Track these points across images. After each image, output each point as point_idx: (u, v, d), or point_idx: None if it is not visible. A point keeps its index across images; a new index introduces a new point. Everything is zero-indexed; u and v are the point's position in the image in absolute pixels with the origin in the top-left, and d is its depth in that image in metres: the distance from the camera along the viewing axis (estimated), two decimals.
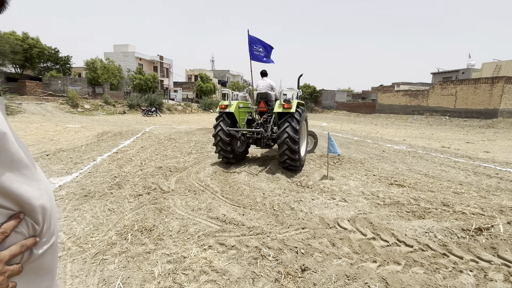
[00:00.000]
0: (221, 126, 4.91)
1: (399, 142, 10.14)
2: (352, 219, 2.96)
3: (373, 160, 6.34)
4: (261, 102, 5.34)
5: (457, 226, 2.72)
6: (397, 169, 5.46)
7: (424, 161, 6.51)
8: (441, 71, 38.84)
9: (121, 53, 35.46)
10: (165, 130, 11.91)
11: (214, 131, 5.00)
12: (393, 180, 4.57)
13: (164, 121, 17.65)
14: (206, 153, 6.64)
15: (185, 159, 5.87)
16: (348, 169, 5.31)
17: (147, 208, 3.14)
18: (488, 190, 4.25)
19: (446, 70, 38.32)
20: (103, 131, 10.26)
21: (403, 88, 32.78)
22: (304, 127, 5.52)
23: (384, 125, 21.92)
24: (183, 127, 13.95)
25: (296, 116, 4.60)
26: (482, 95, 23.60)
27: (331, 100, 44.92)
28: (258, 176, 4.66)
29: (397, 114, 30.62)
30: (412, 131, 16.65)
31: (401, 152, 7.66)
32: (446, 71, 38.11)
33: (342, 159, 6.15)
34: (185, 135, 10.11)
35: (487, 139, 12.44)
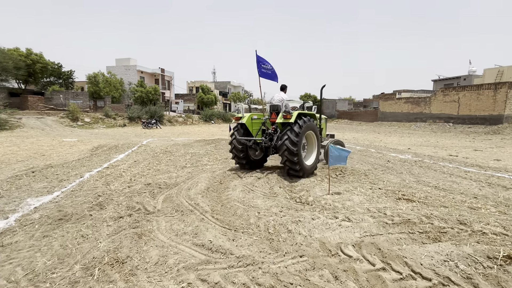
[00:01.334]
0: (236, 135, 5.50)
1: (404, 151, 9.75)
2: (357, 244, 2.57)
3: (377, 172, 5.96)
4: (272, 114, 5.69)
5: (481, 253, 2.33)
6: (404, 181, 5.07)
7: (432, 171, 6.11)
8: (442, 78, 38.67)
9: (123, 67, 35.89)
10: (163, 142, 11.65)
11: (230, 142, 5.63)
12: (401, 194, 4.18)
13: (164, 133, 17.45)
14: (201, 166, 6.32)
15: (178, 173, 5.54)
16: (351, 182, 4.93)
17: (125, 234, 2.78)
18: (508, 205, 3.84)
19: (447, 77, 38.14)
20: (98, 145, 10.02)
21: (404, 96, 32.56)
22: (313, 136, 5.60)
23: (387, 133, 21.53)
24: (181, 139, 13.70)
25: (295, 128, 4.78)
26: (485, 101, 23.23)
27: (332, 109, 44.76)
28: (254, 192, 4.30)
29: (400, 122, 30.25)
30: (416, 138, 16.23)
31: (407, 162, 7.26)
32: (447, 78, 37.93)
33: (345, 171, 5.77)
34: (182, 147, 9.82)
35: (495, 146, 11.98)
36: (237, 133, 5.53)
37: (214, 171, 5.78)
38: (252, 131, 5.76)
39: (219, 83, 57.61)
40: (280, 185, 4.68)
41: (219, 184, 4.74)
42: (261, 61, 5.60)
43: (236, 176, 5.37)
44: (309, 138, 5.52)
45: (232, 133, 5.62)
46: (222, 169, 6.00)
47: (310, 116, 5.36)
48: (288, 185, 4.66)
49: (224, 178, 5.19)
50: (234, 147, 5.56)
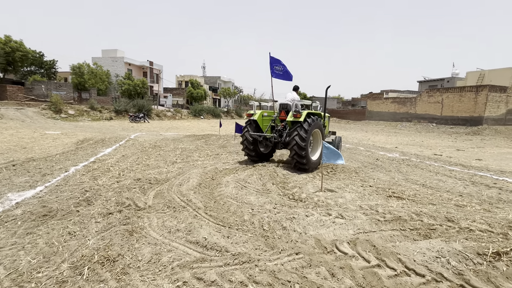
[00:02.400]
0: (248, 130, 5.88)
1: (392, 150, 9.97)
2: (352, 241, 2.59)
3: (367, 169, 6.06)
4: (282, 112, 6.11)
5: (470, 249, 2.39)
6: (394, 179, 5.18)
7: (419, 169, 6.27)
8: (427, 79, 39.80)
9: (110, 58, 34.66)
10: (151, 137, 11.38)
11: (242, 136, 6.03)
12: (391, 191, 4.27)
13: (152, 128, 17.06)
14: (192, 162, 6.21)
15: (169, 169, 5.42)
16: (343, 180, 4.99)
17: (116, 231, 2.67)
18: (491, 203, 3.99)
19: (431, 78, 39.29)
20: (84, 138, 9.65)
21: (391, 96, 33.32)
22: (318, 134, 5.97)
23: (375, 132, 21.99)
24: (170, 133, 13.44)
25: (304, 125, 5.19)
26: (467, 103, 24.13)
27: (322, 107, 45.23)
28: (247, 189, 4.26)
29: (386, 121, 30.96)
30: (403, 138, 16.67)
31: (395, 160, 7.43)
32: (432, 79, 39.07)
33: (336, 169, 5.84)
34: (172, 142, 9.63)
35: (476, 146, 12.48)
36: (249, 128, 5.92)
37: (206, 167, 5.69)
38: (262, 127, 6.13)
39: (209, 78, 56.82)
40: (273, 181, 4.66)
41: (211, 180, 4.67)
42: (274, 63, 5.88)
43: (228, 172, 5.31)
44: (315, 135, 5.91)
45: (245, 128, 5.99)
46: (213, 165, 5.92)
47: (317, 116, 5.77)
48: (281, 182, 4.65)
49: (216, 174, 5.12)
50: (246, 141, 5.93)
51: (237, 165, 5.92)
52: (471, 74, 28.56)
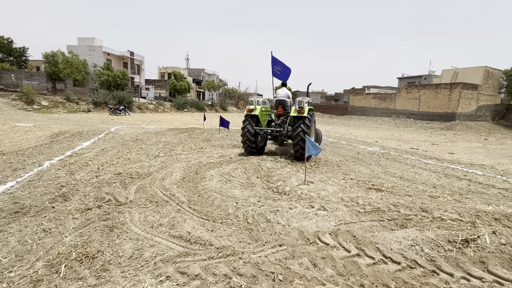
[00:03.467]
0: (248, 125, 6.14)
1: (372, 144, 10.31)
2: (333, 232, 2.67)
3: (349, 163, 6.23)
4: (279, 107, 6.58)
5: (442, 237, 2.54)
6: (374, 172, 5.37)
7: (397, 163, 6.54)
8: (406, 76, 41.28)
9: (87, 47, 32.85)
10: (133, 130, 11.03)
11: (243, 130, 6.18)
12: (371, 184, 4.42)
13: (133, 121, 16.51)
14: (175, 156, 6.09)
15: (151, 163, 5.29)
16: (325, 173, 5.10)
17: (95, 227, 2.58)
18: (461, 193, 4.25)
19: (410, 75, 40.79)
20: (59, 131, 9.17)
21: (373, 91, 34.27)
22: (313, 127, 6.61)
23: (356, 126, 22.61)
24: (153, 127, 13.09)
25: (306, 120, 5.83)
26: (442, 100, 25.33)
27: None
28: (231, 182, 4.25)
29: (368, 116, 31.91)
30: (382, 132, 17.27)
31: (375, 154, 7.69)
32: (410, 76, 40.58)
33: (319, 162, 5.96)
34: (154, 135, 9.38)
35: (449, 141, 13.19)
36: (250, 124, 6.16)
37: (189, 160, 5.61)
38: (261, 122, 6.52)
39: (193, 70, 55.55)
40: (258, 175, 4.68)
41: (195, 174, 4.61)
42: (275, 63, 6.45)
43: (213, 166, 5.27)
44: (311, 128, 6.44)
45: (245, 122, 6.19)
46: (197, 158, 5.85)
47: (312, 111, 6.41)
48: (265, 175, 4.68)
49: (200, 168, 5.06)
50: (248, 136, 6.15)
51: (221, 159, 5.88)
52: (446, 72, 29.91)
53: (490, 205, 3.61)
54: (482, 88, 25.99)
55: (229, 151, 6.98)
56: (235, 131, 11.80)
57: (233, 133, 11.08)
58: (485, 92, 26.38)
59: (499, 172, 5.84)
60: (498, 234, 2.52)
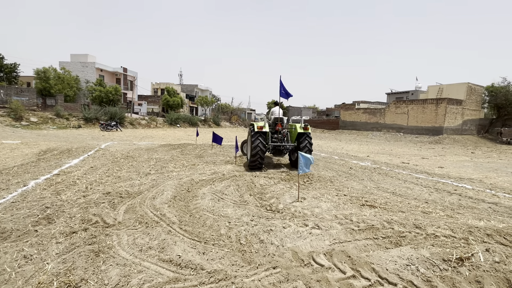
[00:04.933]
0: (260, 143, 6.50)
1: (364, 158, 10.42)
2: (328, 252, 2.61)
3: (342, 178, 6.24)
4: (278, 124, 7.36)
5: (437, 256, 2.52)
6: (366, 188, 5.38)
7: (389, 178, 6.59)
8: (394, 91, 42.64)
9: (80, 63, 32.91)
10: (124, 146, 10.86)
11: (254, 148, 6.52)
12: (364, 200, 4.42)
13: (125, 137, 16.31)
14: (167, 173, 5.99)
15: (142, 181, 5.17)
16: (318, 189, 5.09)
17: (79, 252, 2.46)
18: (452, 209, 4.27)
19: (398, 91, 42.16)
20: (47, 148, 8.94)
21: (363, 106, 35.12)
22: None
23: (348, 141, 22.93)
24: (144, 143, 12.94)
25: (310, 135, 7.02)
26: (429, 114, 26.14)
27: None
28: (224, 200, 4.18)
29: (359, 131, 32.50)
30: (374, 146, 17.53)
31: (367, 169, 7.75)
32: (398, 91, 41.93)
33: (312, 178, 5.95)
34: (146, 152, 9.26)
35: (438, 155, 13.47)
36: (262, 140, 6.52)
37: (181, 178, 5.52)
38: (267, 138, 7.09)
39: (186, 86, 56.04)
40: (250, 192, 4.63)
41: (187, 192, 4.52)
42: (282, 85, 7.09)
43: (205, 183, 5.19)
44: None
45: (257, 140, 6.52)
46: (189, 176, 5.76)
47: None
48: (258, 193, 4.63)
49: (192, 186, 4.98)
50: (260, 153, 6.50)
51: (214, 176, 5.81)
52: (432, 88, 31.09)
53: (482, 220, 3.64)
54: (466, 103, 27.03)
55: (222, 167, 6.92)
56: (227, 146, 11.77)
57: (226, 148, 11.04)
58: (469, 107, 27.42)
59: (488, 186, 5.94)
60: (492, 251, 2.52)
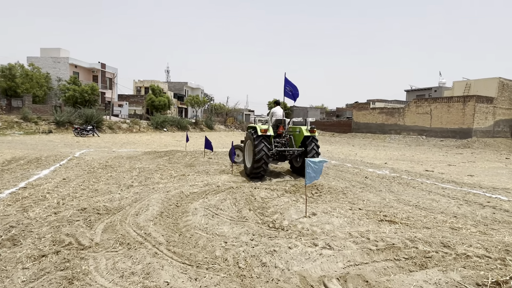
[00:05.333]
0: (265, 147, 6.66)
1: (381, 166, 10.43)
2: (342, 277, 2.59)
3: (356, 189, 6.24)
4: (280, 127, 7.60)
5: (469, 280, 2.51)
6: (385, 200, 5.38)
7: (411, 188, 6.59)
8: (414, 88, 42.98)
9: (51, 59, 33.11)
10: (102, 154, 10.86)
11: (258, 152, 6.59)
12: (383, 214, 4.41)
13: (103, 143, 16.32)
14: (152, 185, 5.98)
15: (123, 194, 5.16)
16: (329, 202, 5.08)
17: (50, 279, 2.43)
18: (486, 224, 4.26)
19: (419, 87, 42.49)
20: (12, 157, 8.93)
21: (378, 106, 35.32)
22: None
23: (362, 145, 22.98)
24: (126, 150, 12.95)
25: (316, 138, 7.36)
26: (455, 114, 26.27)
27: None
28: (219, 217, 4.16)
29: (374, 134, 32.61)
30: (392, 152, 17.58)
31: (385, 178, 7.76)
32: (419, 88, 42.26)
33: (322, 189, 5.95)
34: (127, 161, 9.25)
35: (467, 161, 13.49)
36: (266, 144, 6.71)
37: (169, 191, 5.51)
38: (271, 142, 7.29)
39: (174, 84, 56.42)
40: (250, 207, 4.62)
41: (176, 208, 4.51)
42: (287, 84, 7.43)
43: (197, 196, 5.18)
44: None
45: (260, 145, 6.64)
46: (178, 188, 5.75)
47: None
48: (259, 207, 4.62)
49: (181, 199, 4.97)
50: (265, 158, 6.64)
51: (207, 188, 5.80)
52: (458, 83, 31.31)
53: None
54: (498, 101, 27.16)
55: (216, 178, 6.91)
56: (222, 153, 11.77)
57: (220, 156, 11.04)
58: (501, 106, 27.55)
59: None
60: None
